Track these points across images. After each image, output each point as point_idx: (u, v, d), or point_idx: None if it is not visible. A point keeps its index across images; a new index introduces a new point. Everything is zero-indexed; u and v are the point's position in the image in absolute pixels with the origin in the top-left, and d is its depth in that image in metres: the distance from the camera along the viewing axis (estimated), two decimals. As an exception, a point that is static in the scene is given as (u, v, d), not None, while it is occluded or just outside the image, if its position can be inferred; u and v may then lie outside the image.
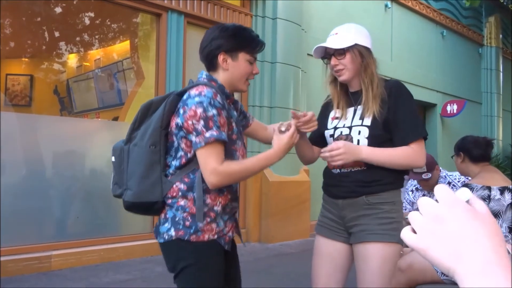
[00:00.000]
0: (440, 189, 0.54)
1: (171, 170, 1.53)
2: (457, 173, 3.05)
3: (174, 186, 1.50)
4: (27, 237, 3.89)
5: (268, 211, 5.24)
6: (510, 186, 2.24)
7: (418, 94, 8.51)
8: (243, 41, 1.56)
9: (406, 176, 1.84)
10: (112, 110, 5.71)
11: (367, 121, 1.72)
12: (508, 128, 11.15)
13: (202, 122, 1.42)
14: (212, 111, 1.43)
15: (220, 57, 1.55)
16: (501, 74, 10.93)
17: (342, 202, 1.77)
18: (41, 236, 4.00)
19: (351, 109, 1.81)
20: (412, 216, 0.54)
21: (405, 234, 0.54)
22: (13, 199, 3.82)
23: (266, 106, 5.51)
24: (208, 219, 1.50)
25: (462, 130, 9.15)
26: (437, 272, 2.26)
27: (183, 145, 1.50)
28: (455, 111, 9.18)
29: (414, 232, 0.54)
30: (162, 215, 1.53)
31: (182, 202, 1.49)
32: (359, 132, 1.73)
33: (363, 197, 1.71)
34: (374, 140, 1.70)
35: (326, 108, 1.96)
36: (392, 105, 1.69)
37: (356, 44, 1.72)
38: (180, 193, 1.50)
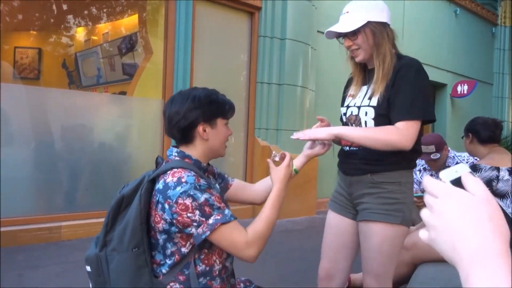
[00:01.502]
0: (435, 185, 0.55)
1: (163, 269, 1.34)
2: (466, 154, 3.04)
3: (168, 287, 1.33)
4: (37, 208, 3.97)
5: (275, 188, 5.24)
6: (519, 167, 2.23)
7: (429, 74, 8.38)
8: (219, 106, 1.45)
9: None
10: (120, 85, 5.71)
11: (374, 101, 1.68)
12: (519, 110, 11.03)
13: (198, 212, 1.25)
14: (204, 196, 1.27)
15: (200, 128, 1.41)
16: (514, 54, 10.74)
17: (351, 179, 1.78)
18: (52, 208, 4.07)
19: (365, 87, 1.77)
20: (422, 213, 0.56)
21: (421, 232, 0.56)
22: (23, 171, 3.88)
23: (274, 83, 5.47)
24: None
25: (472, 111, 9.06)
26: (442, 250, 2.28)
27: (177, 240, 1.32)
28: (465, 92, 9.07)
29: None
30: None
31: None
32: (366, 113, 1.70)
33: (368, 175, 1.71)
34: (380, 121, 1.67)
35: (348, 84, 1.93)
36: (397, 84, 1.64)
37: (368, 23, 1.65)
38: None
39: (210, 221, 1.26)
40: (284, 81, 5.47)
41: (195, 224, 1.26)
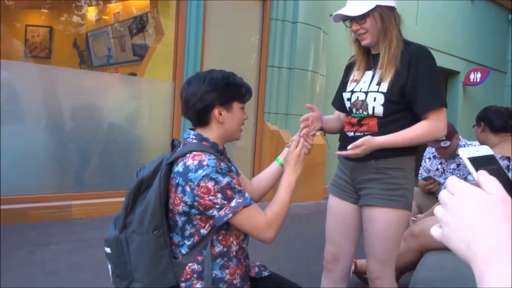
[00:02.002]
0: (453, 182, 0.55)
1: (182, 250, 1.37)
2: (476, 142, 3.01)
3: (187, 268, 1.36)
4: (48, 187, 4.03)
5: (283, 172, 5.25)
6: (531, 158, 2.21)
7: (441, 61, 8.30)
8: (236, 90, 1.44)
9: None
10: (131, 66, 5.71)
11: (384, 87, 1.67)
12: (532, 99, 10.86)
13: (220, 195, 1.27)
14: (225, 179, 1.28)
15: (215, 111, 1.40)
16: (530, 43, 10.53)
17: (353, 164, 1.78)
18: (62, 186, 4.13)
19: (369, 73, 1.76)
20: (435, 210, 0.56)
21: (433, 228, 0.57)
22: (34, 149, 3.93)
23: (285, 67, 5.44)
24: None
25: (484, 99, 8.95)
26: (449, 239, 2.29)
27: (196, 222, 1.34)
28: (478, 80, 8.94)
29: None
30: None
31: (198, 285, 1.35)
32: (375, 99, 1.69)
33: (372, 161, 1.71)
34: (389, 107, 1.67)
35: (348, 69, 1.91)
36: (412, 72, 1.63)
37: (377, 7, 1.64)
38: (194, 275, 1.35)
39: (232, 204, 1.28)
40: (294, 66, 5.43)
41: (217, 206, 1.28)
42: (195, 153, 1.32)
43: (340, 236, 1.90)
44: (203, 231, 1.35)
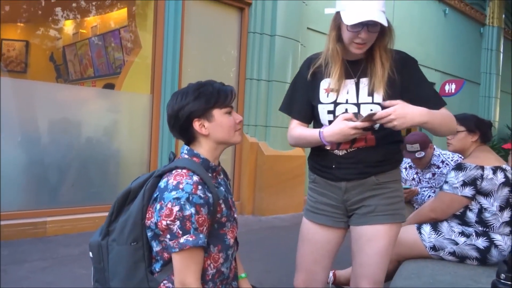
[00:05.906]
0: None
1: (157, 267, 1.34)
2: (449, 153, 3.07)
3: (162, 285, 1.32)
4: (23, 203, 3.92)
5: (263, 184, 5.28)
6: (503, 166, 2.26)
7: (417, 73, 8.45)
8: (210, 98, 1.35)
9: None
10: (108, 79, 5.66)
11: (378, 98, 1.57)
12: (505, 109, 11.15)
13: (178, 222, 1.22)
14: (190, 210, 1.22)
15: (196, 124, 1.35)
16: (501, 55, 10.84)
17: (346, 184, 1.65)
18: (37, 203, 4.03)
19: (351, 81, 1.62)
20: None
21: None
22: (9, 165, 3.83)
23: (263, 80, 5.47)
24: None
25: (459, 110, 9.06)
26: (426, 247, 2.31)
27: (162, 239, 1.29)
28: (453, 91, 9.15)
29: None
30: None
31: None
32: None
33: (372, 178, 1.62)
34: None
35: (314, 77, 1.69)
36: (408, 80, 1.60)
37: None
38: None
39: (182, 240, 1.23)
40: (273, 78, 5.47)
41: (169, 235, 1.24)
42: (179, 171, 1.30)
43: (316, 264, 1.77)
44: (167, 253, 1.31)
